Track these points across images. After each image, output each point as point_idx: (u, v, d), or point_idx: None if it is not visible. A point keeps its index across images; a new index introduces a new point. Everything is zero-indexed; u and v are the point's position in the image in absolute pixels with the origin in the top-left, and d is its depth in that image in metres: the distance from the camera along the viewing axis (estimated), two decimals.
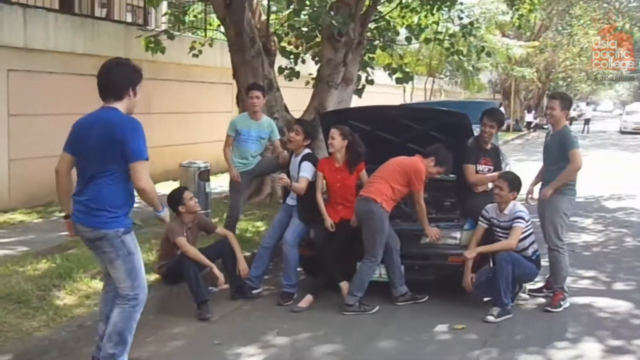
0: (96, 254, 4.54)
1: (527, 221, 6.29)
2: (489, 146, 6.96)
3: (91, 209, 4.27)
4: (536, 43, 32.78)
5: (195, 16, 17.59)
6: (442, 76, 29.16)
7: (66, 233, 4.80)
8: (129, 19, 16.39)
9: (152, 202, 4.41)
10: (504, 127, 36.19)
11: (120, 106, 4.34)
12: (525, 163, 17.15)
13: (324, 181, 6.67)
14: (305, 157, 6.78)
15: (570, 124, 37.69)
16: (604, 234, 9.97)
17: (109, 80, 4.35)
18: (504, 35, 31.51)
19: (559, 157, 6.45)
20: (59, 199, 4.70)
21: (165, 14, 14.81)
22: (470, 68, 23.92)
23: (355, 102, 12.15)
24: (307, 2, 10.17)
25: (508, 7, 16.84)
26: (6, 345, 4.83)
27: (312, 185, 6.63)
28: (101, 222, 4.27)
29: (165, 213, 4.62)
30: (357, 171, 6.63)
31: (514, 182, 6.36)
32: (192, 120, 14.81)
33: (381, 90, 20.47)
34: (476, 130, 7.09)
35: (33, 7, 10.77)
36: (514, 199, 6.36)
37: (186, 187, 6.98)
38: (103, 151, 4.23)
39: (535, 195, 6.72)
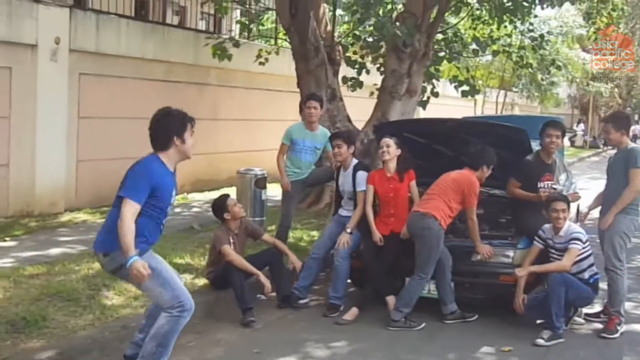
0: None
1: (584, 243, 6.05)
2: (550, 160, 6.70)
3: None
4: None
5: (262, 24, 17.75)
6: (515, 90, 28.57)
7: None
8: (201, 26, 16.72)
9: (121, 241, 4.18)
10: (581, 143, 35.34)
11: (164, 156, 4.46)
12: (599, 181, 16.53)
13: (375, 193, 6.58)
14: (357, 167, 6.73)
15: (634, 141, 36.25)
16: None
17: (154, 131, 4.46)
18: (584, 49, 30.65)
19: (623, 175, 6.18)
20: None
21: (236, 22, 15.00)
22: (544, 82, 23.28)
23: (422, 114, 12.05)
24: (372, 12, 10.11)
25: (584, 21, 16.35)
26: (51, 342, 4.95)
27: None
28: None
29: (135, 265, 4.13)
30: (408, 179, 6.52)
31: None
32: (257, 128, 14.94)
33: (451, 103, 20.27)
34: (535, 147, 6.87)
35: (106, 13, 11.09)
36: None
37: (228, 195, 6.95)
38: None
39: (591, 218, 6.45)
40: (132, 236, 4.15)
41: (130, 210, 4.18)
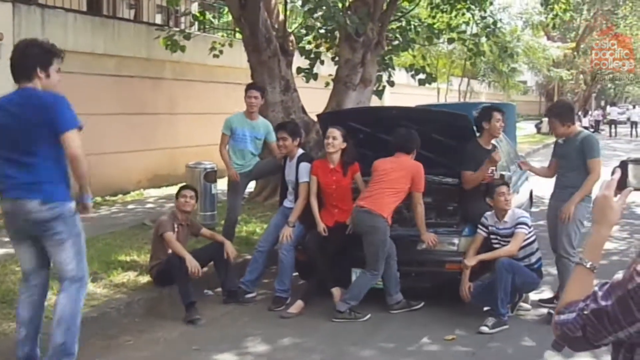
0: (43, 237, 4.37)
1: (529, 227, 6.02)
2: (489, 146, 6.62)
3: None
4: (573, 44, 31.95)
5: (222, 16, 17.55)
6: (479, 78, 28.64)
7: None
8: (158, 20, 16.48)
9: (84, 178, 4.23)
10: (546, 130, 35.54)
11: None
12: None
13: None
14: (301, 159, 6.63)
15: (596, 126, 36.33)
16: (627, 242, 9.52)
17: (15, 60, 4.27)
18: (548, 37, 30.79)
19: (580, 164, 6.13)
20: None
21: (184, 13, 14.80)
22: (505, 69, 23.34)
23: (378, 103, 11.95)
24: (323, 1, 9.98)
25: (542, 7, 16.37)
26: None
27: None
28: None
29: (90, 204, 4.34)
30: (351, 172, 6.43)
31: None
32: (216, 121, 14.70)
33: (414, 92, 20.24)
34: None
35: (52, 7, 10.84)
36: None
37: (193, 187, 6.84)
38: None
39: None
40: None
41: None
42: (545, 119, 37.49)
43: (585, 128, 38.04)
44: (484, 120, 6.53)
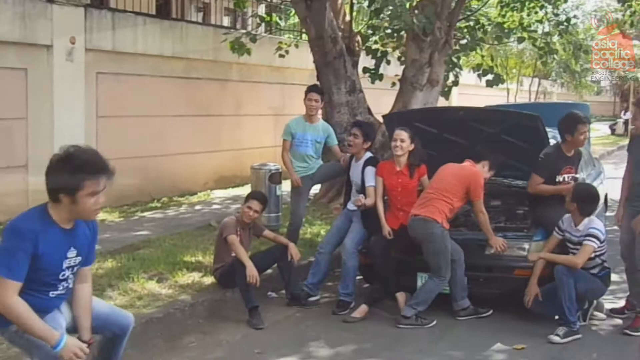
0: None
1: (601, 241, 5.68)
2: (572, 153, 6.29)
3: None
4: None
5: (289, 17, 17.60)
6: (551, 78, 27.85)
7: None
8: (225, 22, 16.64)
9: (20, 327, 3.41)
10: (622, 131, 34.39)
11: (52, 210, 3.45)
12: None
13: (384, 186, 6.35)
14: (368, 162, 6.50)
15: None
16: None
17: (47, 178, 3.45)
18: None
19: None
20: None
21: (252, 16, 14.88)
22: (578, 69, 22.58)
23: (445, 104, 11.72)
24: (390, 1, 9.84)
25: (618, 4, 15.77)
26: None
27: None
28: None
29: (64, 347, 3.37)
30: (418, 175, 6.28)
31: (584, 198, 5.80)
32: (282, 122, 14.76)
33: (484, 93, 19.83)
34: (553, 135, 6.55)
35: (122, 11, 11.06)
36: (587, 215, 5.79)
37: (264, 196, 6.76)
38: None
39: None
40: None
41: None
42: (620, 120, 36.44)
43: None
44: (568, 132, 6.14)
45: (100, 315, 3.85)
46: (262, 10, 17.52)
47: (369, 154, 6.58)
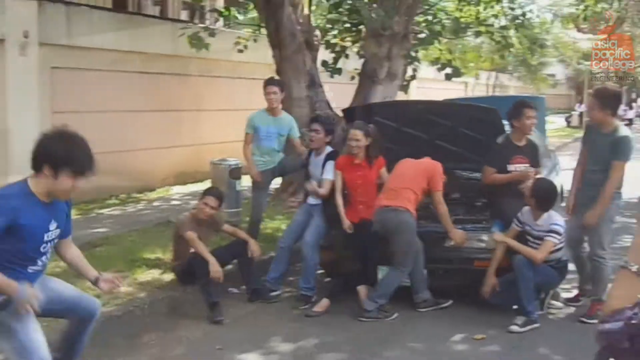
0: None
1: (561, 235, 5.76)
2: (522, 142, 6.39)
3: None
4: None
5: (247, 12, 17.49)
6: (508, 72, 28.22)
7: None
8: (183, 16, 16.46)
9: None
10: (577, 123, 35.01)
11: (32, 182, 3.51)
12: None
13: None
14: (329, 157, 6.50)
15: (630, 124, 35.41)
16: None
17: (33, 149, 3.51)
18: (578, 29, 30.20)
19: (608, 164, 5.81)
20: None
21: (210, 10, 14.76)
22: (534, 62, 22.91)
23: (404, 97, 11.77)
24: None
25: None
26: None
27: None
28: None
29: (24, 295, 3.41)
30: (377, 166, 6.30)
31: (543, 195, 5.86)
32: (243, 117, 14.68)
33: (442, 86, 20.02)
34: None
35: (77, 4, 10.86)
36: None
37: (220, 195, 6.67)
38: None
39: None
40: None
41: None
42: (575, 113, 37.09)
43: (630, 121, 36.46)
44: (514, 117, 6.25)
45: (68, 298, 3.95)
46: (220, 4, 17.38)
47: (329, 148, 6.59)
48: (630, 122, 36.45)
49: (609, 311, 1.68)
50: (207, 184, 9.33)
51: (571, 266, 6.22)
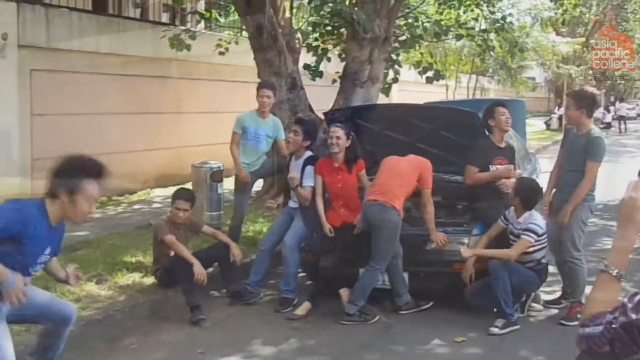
0: None
1: (539, 236, 5.76)
2: (503, 144, 6.44)
3: None
4: (582, 40, 31.61)
5: (229, 14, 17.46)
6: (488, 75, 28.40)
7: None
8: (164, 18, 16.37)
9: None
10: (556, 126, 35.32)
11: (50, 205, 3.62)
12: None
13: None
14: (308, 161, 6.48)
15: (620, 121, 35.76)
16: None
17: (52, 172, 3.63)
18: (557, 33, 30.51)
19: (583, 164, 5.90)
20: None
21: (191, 12, 14.71)
22: (514, 66, 23.10)
23: (385, 100, 11.80)
24: None
25: (552, 2, 16.21)
26: None
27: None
28: None
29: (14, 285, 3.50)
30: (356, 169, 6.31)
31: (526, 194, 5.90)
32: (224, 120, 14.65)
33: (423, 89, 20.08)
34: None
35: (56, 6, 10.77)
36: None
37: (192, 194, 6.65)
38: None
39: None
40: None
41: None
42: (554, 115, 37.41)
43: (608, 124, 36.73)
44: (489, 118, 6.35)
45: (40, 303, 3.96)
46: (201, 6, 17.33)
47: (309, 153, 6.58)
48: (608, 126, 36.90)
49: (589, 315, 1.70)
50: (188, 187, 9.29)
51: (552, 268, 6.27)
